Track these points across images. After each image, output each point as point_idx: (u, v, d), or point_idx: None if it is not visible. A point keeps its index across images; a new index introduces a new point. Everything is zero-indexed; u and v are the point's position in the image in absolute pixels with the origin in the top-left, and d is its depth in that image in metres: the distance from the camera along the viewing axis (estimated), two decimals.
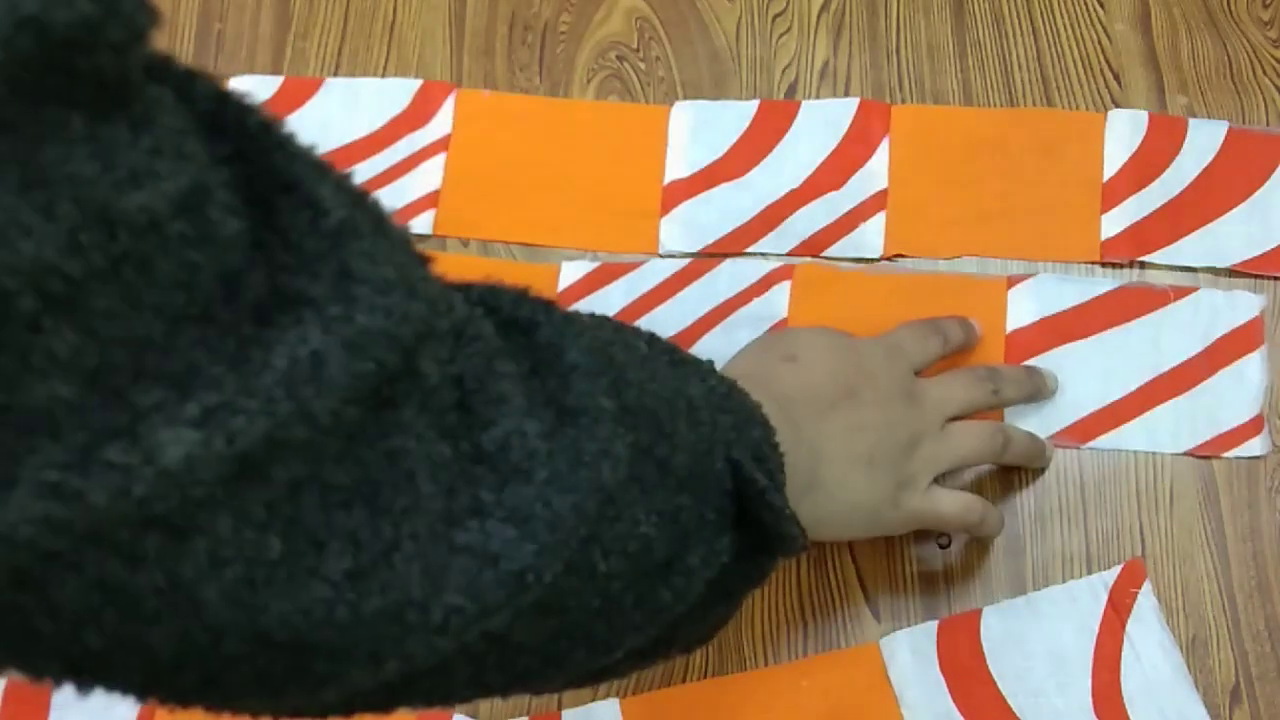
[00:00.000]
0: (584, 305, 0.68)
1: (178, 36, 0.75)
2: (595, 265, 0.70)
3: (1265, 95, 0.72)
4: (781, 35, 0.75)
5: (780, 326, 0.68)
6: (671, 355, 0.49)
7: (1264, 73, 0.72)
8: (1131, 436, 0.65)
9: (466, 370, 0.37)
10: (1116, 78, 0.73)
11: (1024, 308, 0.67)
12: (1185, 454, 0.65)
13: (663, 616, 0.46)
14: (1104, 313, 0.67)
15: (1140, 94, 0.72)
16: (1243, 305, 0.67)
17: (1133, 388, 0.66)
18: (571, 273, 0.70)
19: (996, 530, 0.63)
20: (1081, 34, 0.74)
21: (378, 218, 0.36)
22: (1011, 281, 0.68)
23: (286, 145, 0.34)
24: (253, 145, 0.33)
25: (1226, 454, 0.64)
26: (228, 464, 0.30)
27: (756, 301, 0.68)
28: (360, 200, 0.36)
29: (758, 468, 0.48)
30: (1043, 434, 0.65)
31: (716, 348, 0.67)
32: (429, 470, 0.35)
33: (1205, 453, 0.65)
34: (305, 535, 0.32)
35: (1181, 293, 0.67)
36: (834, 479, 0.57)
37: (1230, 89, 0.72)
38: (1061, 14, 0.74)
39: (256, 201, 0.32)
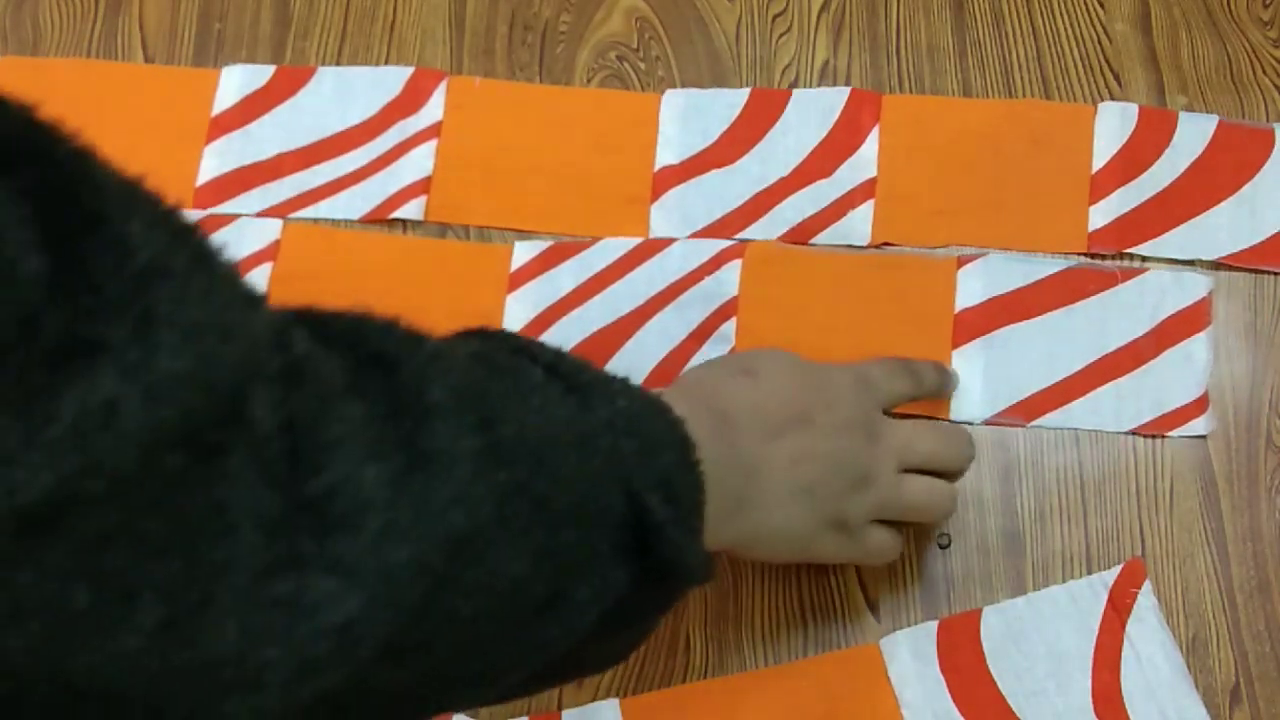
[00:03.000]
0: (535, 285, 0.69)
1: (178, 36, 0.75)
2: (547, 245, 0.70)
3: (1265, 95, 0.72)
4: (781, 35, 0.75)
5: (732, 305, 0.68)
6: (573, 380, 0.46)
7: (1264, 73, 0.72)
8: (1076, 415, 0.66)
9: (297, 413, 0.35)
10: (1116, 78, 0.73)
11: (973, 287, 0.68)
12: (1129, 433, 0.65)
13: (551, 649, 0.45)
14: (1052, 293, 0.68)
15: (1140, 94, 0.72)
16: (1190, 286, 0.67)
17: (1078, 367, 0.66)
18: (523, 253, 0.70)
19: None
20: (1081, 34, 0.74)
21: (198, 255, 0.34)
22: (961, 261, 0.69)
23: (96, 177, 0.32)
24: (59, 177, 0.31)
25: (1170, 433, 0.65)
26: (11, 520, 0.29)
27: (708, 280, 0.69)
28: (179, 236, 0.34)
29: (662, 496, 0.46)
30: (988, 412, 0.66)
31: (668, 326, 0.68)
32: (253, 521, 0.33)
33: (1149, 432, 0.65)
34: (115, 585, 0.31)
35: (1129, 274, 0.68)
36: (767, 502, 0.54)
37: (1230, 89, 0.72)
38: (1061, 14, 0.74)
39: (60, 239, 0.30)
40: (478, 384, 0.42)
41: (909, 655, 0.62)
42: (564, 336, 0.68)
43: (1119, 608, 0.62)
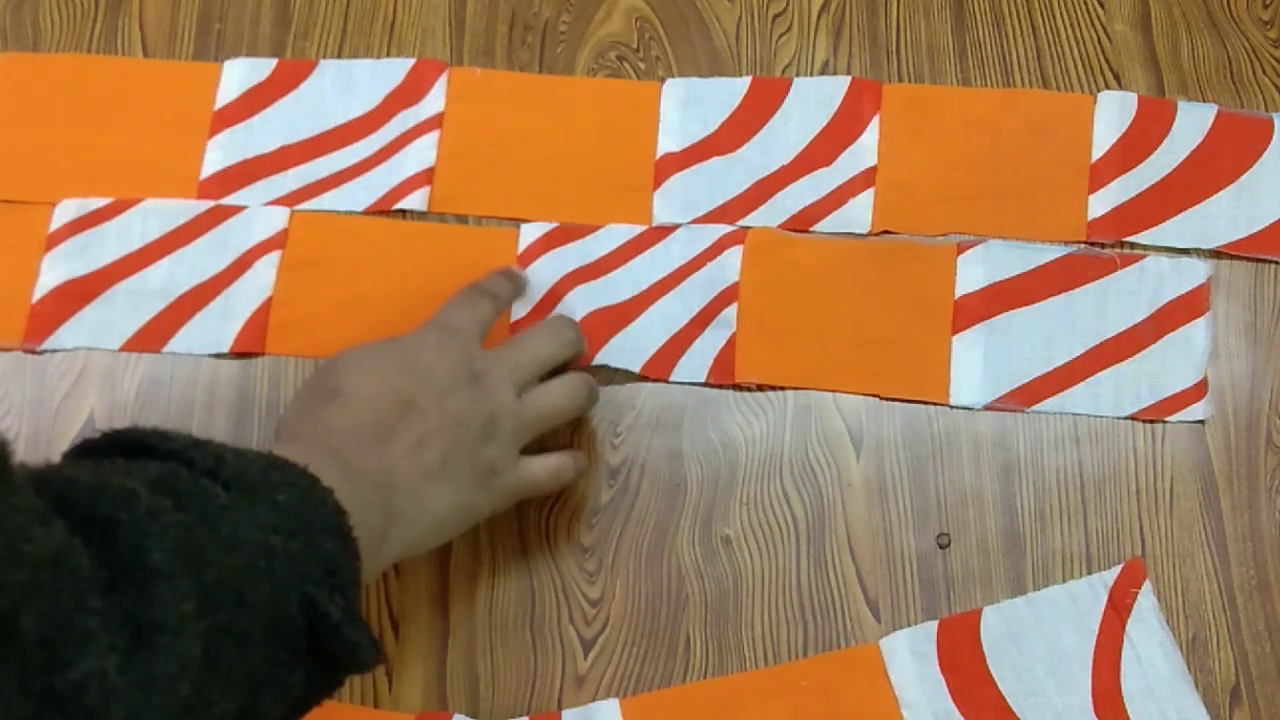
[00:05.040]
0: (540, 265, 0.69)
1: (178, 36, 0.75)
2: (552, 227, 0.70)
3: (1265, 95, 0.72)
4: (781, 35, 0.75)
5: (733, 290, 0.68)
6: (237, 484, 0.47)
7: (1264, 72, 0.72)
8: (1076, 400, 0.66)
9: (54, 610, 0.37)
10: (1116, 78, 0.73)
11: (973, 273, 0.68)
12: (1128, 418, 0.66)
13: None
14: (1051, 279, 0.68)
15: (1140, 94, 0.72)
16: (1189, 271, 0.68)
17: (1078, 353, 0.67)
18: (530, 234, 0.70)
19: (581, 475, 0.64)
20: (1081, 34, 0.74)
21: None
22: (961, 248, 0.69)
23: None
24: None
25: (1169, 419, 0.66)
26: None
27: (710, 266, 0.69)
28: None
29: (332, 591, 0.47)
30: (988, 397, 0.66)
31: (671, 311, 0.68)
32: None
33: (1148, 417, 0.66)
34: None
35: (1128, 260, 0.68)
36: (411, 505, 0.55)
37: (1230, 89, 0.72)
38: (1061, 14, 0.74)
39: None
40: (189, 537, 0.43)
41: (909, 655, 0.62)
42: (568, 315, 0.68)
43: (1119, 608, 0.62)
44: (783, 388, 0.67)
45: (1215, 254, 0.69)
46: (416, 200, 0.71)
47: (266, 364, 0.68)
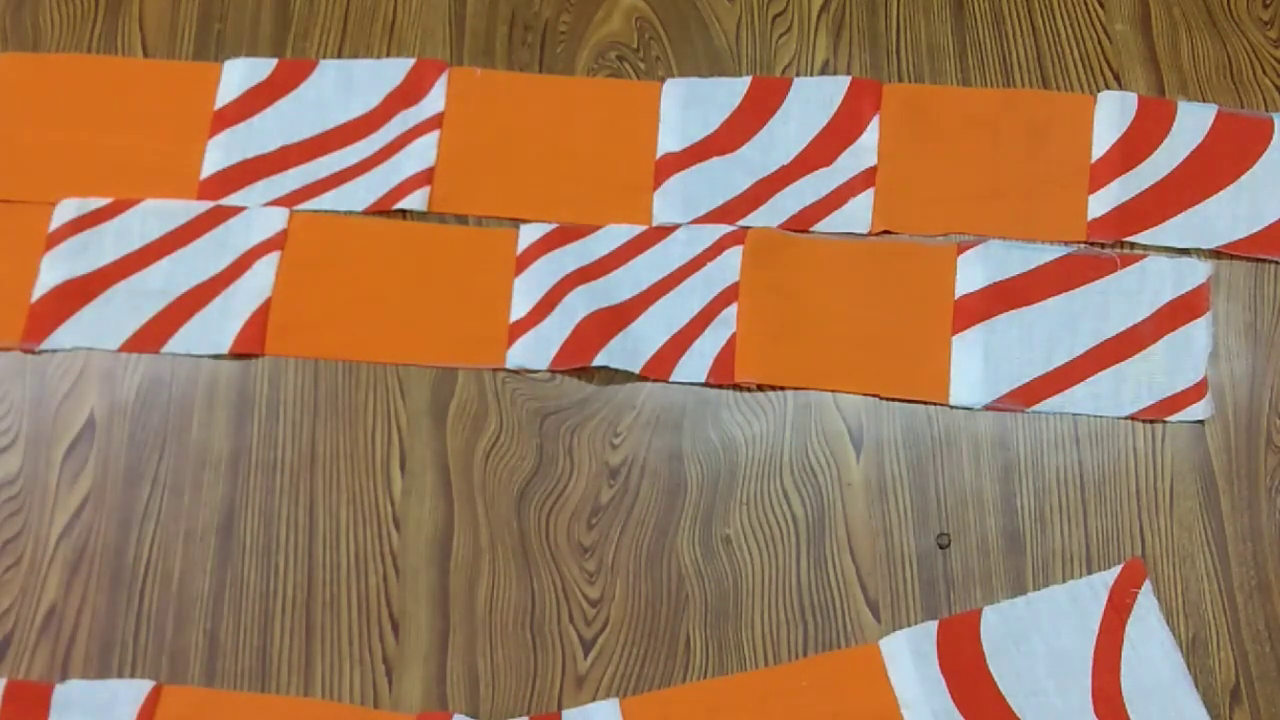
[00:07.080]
0: (540, 266, 0.69)
1: (178, 36, 0.75)
2: (552, 228, 0.71)
3: (1265, 95, 0.72)
4: (781, 35, 0.75)
5: (733, 291, 0.69)
6: None
7: (1264, 73, 0.72)
8: (1077, 400, 0.66)
9: None
10: (1116, 77, 0.73)
11: (973, 274, 0.69)
12: (1129, 418, 0.66)
13: None
14: (1052, 279, 0.69)
15: (1140, 94, 0.72)
16: (1190, 271, 0.68)
17: (1078, 353, 0.67)
18: (529, 235, 0.70)
19: None
20: (1081, 34, 0.74)
21: None
22: (961, 248, 0.69)
23: None
24: None
25: (1169, 418, 0.66)
26: None
27: (710, 266, 0.69)
28: None
29: None
30: (989, 397, 0.67)
31: (671, 311, 0.68)
32: None
33: (1149, 417, 0.66)
34: None
35: (1129, 260, 0.68)
36: None
37: (1230, 89, 0.72)
38: (1061, 14, 0.74)
39: None
40: None
41: (909, 655, 0.62)
42: (567, 319, 0.68)
43: (1119, 608, 0.62)
44: (783, 388, 0.67)
45: (1215, 254, 0.69)
46: (416, 200, 0.71)
47: (266, 364, 0.68)
